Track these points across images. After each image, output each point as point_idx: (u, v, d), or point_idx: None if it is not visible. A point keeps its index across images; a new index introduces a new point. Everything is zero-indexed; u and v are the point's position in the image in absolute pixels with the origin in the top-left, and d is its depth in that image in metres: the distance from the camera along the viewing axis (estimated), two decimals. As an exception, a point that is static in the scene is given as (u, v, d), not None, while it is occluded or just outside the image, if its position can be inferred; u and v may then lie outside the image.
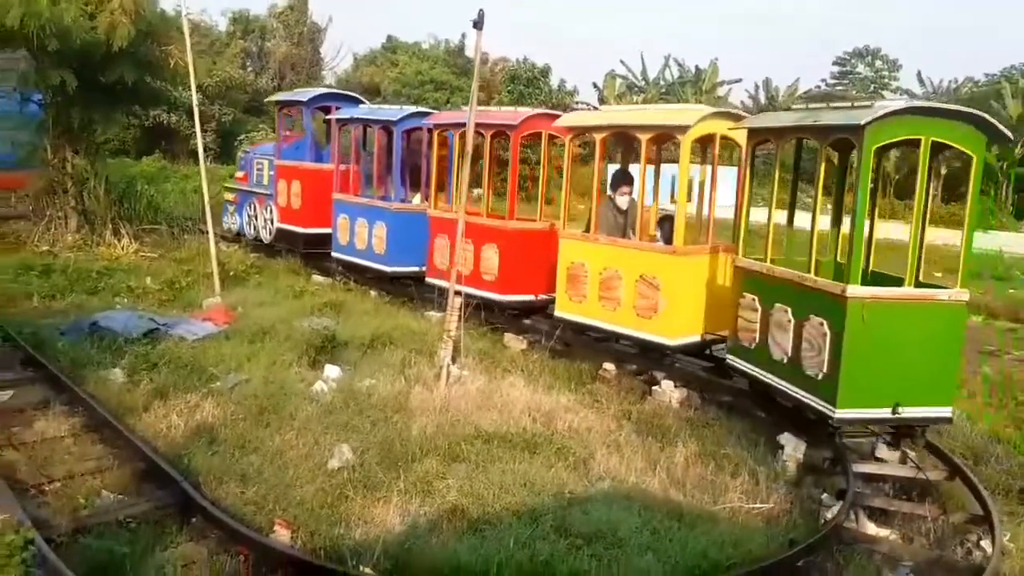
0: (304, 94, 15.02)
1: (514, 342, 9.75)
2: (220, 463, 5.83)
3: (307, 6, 41.64)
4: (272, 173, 14.91)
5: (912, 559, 5.24)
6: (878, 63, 58.84)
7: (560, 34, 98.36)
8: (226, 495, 5.41)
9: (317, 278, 12.97)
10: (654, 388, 8.40)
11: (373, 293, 12.15)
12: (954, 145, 6.57)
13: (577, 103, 39.01)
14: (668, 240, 8.74)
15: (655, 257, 8.53)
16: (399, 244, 11.83)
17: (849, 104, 6.83)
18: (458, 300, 8.03)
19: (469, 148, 8.29)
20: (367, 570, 4.52)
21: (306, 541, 4.90)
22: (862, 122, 6.20)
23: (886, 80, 58.67)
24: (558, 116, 10.51)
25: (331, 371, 7.97)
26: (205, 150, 12.99)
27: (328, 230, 13.26)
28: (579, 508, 5.46)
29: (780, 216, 7.69)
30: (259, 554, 4.63)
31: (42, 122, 15.02)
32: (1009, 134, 6.71)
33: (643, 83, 53.96)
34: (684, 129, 8.29)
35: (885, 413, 6.40)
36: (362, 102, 15.05)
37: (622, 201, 9.32)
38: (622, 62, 59.63)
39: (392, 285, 12.14)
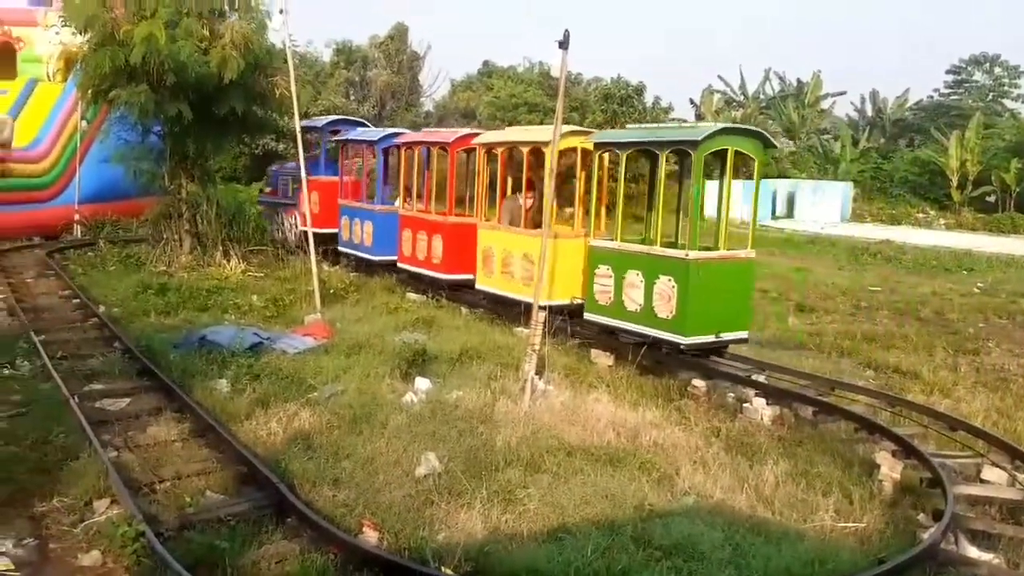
0: (319, 121, 18.25)
1: (601, 358, 9.76)
2: (315, 468, 6.11)
3: (407, 35, 42.94)
4: (296, 187, 17.44)
5: (1016, 585, 4.98)
6: (997, 70, 55.69)
7: (657, 50, 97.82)
8: (319, 498, 5.67)
9: (411, 295, 13.34)
10: (745, 405, 8.28)
11: (464, 310, 12.41)
12: (745, 152, 9.31)
13: (671, 120, 38.65)
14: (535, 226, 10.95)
15: (533, 239, 10.66)
16: (381, 238, 14.65)
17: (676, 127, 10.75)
18: (542, 314, 8.14)
19: (554, 165, 8.43)
20: (448, 571, 4.66)
21: (392, 542, 5.09)
22: (699, 137, 8.86)
23: (1005, 88, 55.49)
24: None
25: (421, 383, 8.21)
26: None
27: (336, 230, 16.34)
28: (660, 522, 5.43)
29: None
30: (348, 553, 4.84)
31: (161, 152, 16.05)
32: (776, 143, 9.97)
33: (742, 97, 53.05)
34: (547, 144, 10.30)
35: (711, 338, 9.08)
36: (366, 126, 17.93)
37: (522, 201, 11.52)
38: (720, 77, 58.64)
39: (382, 271, 14.73)
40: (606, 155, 10.45)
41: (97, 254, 16.89)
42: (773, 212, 40.40)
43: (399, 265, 14.14)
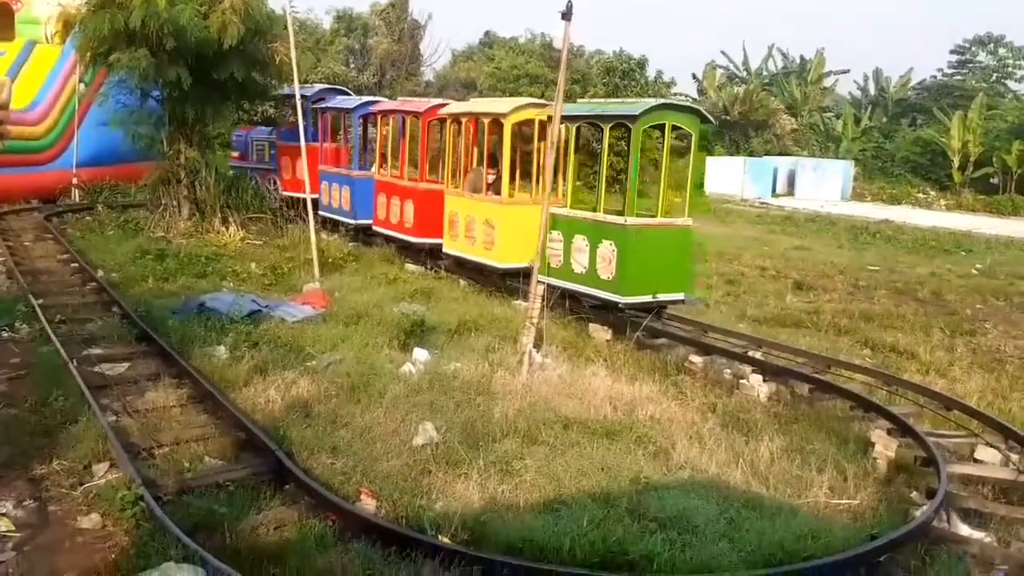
0: (307, 90, 18.13)
1: (599, 332, 9.78)
2: (313, 436, 6.14)
3: (408, 4, 42.37)
4: (272, 152, 18.57)
5: (1006, 562, 5.03)
6: (1001, 51, 55.21)
7: (660, 21, 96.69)
8: (317, 465, 5.70)
9: (410, 266, 13.32)
10: (741, 382, 8.31)
11: (462, 282, 12.40)
12: (682, 126, 9.95)
13: (674, 95, 38.40)
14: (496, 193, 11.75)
15: (492, 206, 11.53)
16: (359, 202, 15.29)
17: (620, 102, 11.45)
18: (541, 288, 8.13)
19: (554, 137, 8.37)
20: (445, 539, 4.70)
21: (389, 510, 5.13)
22: (637, 112, 9.56)
23: (1009, 69, 55.06)
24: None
25: (419, 354, 8.23)
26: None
27: (317, 195, 16.22)
28: (655, 495, 5.48)
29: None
30: (346, 520, 4.88)
31: (160, 116, 15.90)
32: (711, 119, 10.98)
33: (744, 73, 52.67)
34: (504, 115, 11.25)
35: (649, 298, 9.66)
36: (348, 95, 18.29)
37: (486, 176, 12.05)
38: (723, 52, 58.16)
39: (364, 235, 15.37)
40: (561, 127, 10.54)
41: (95, 218, 16.80)
42: (774, 189, 40.29)
43: (374, 228, 14.68)
